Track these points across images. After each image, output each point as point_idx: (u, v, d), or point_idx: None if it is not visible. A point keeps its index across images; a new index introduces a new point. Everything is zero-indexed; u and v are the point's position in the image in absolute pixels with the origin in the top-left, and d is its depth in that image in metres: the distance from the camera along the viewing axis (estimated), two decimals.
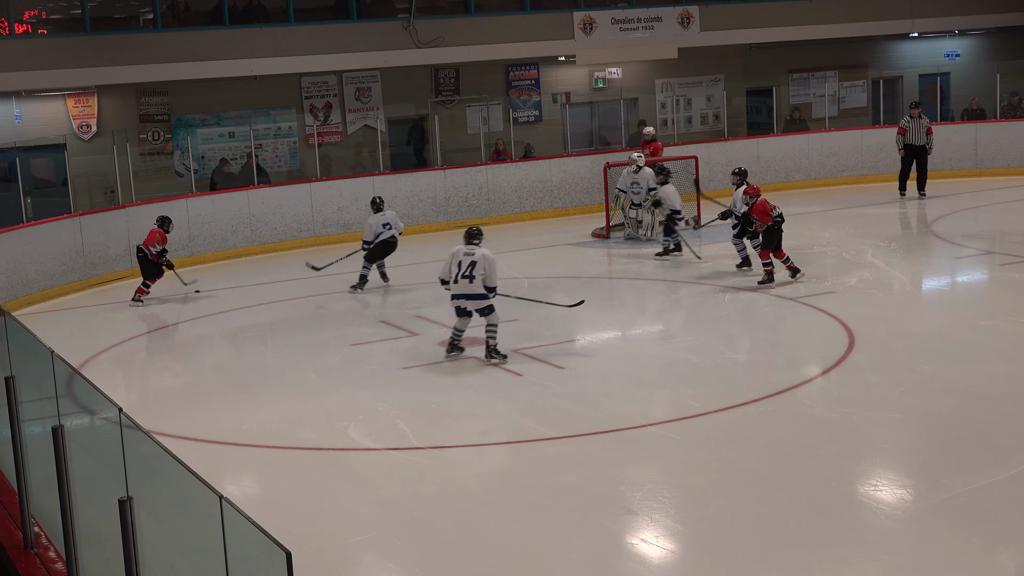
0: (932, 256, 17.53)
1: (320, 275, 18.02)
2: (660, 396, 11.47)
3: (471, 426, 10.89)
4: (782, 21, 26.44)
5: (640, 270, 17.73)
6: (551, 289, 16.81)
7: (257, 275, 18.54)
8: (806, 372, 12.03)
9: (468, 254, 12.52)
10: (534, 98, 25.75)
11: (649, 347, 13.31)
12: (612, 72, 26.18)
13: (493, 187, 22.36)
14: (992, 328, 13.22)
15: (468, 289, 12.48)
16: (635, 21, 25.23)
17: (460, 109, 24.88)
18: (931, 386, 11.20)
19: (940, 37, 29.30)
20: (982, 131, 24.72)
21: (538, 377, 12.11)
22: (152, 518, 5.48)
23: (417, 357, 13.15)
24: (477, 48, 23.97)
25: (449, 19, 24.13)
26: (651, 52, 25.54)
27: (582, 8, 24.94)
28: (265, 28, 22.68)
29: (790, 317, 14.36)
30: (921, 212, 20.75)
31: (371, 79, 24.12)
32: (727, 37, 26.07)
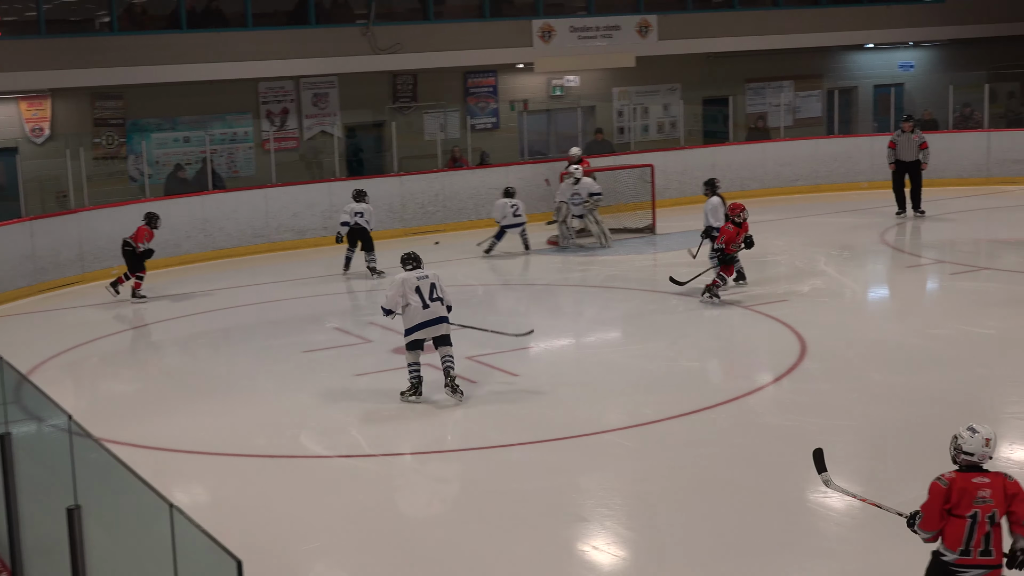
0: (883, 265, 17.67)
1: (270, 282, 18.01)
2: (613, 403, 11.49)
3: (423, 433, 10.88)
4: (739, 31, 26.62)
5: (595, 277, 17.78)
6: (506, 296, 16.85)
7: (211, 281, 18.45)
8: (758, 380, 12.11)
9: (422, 278, 11.46)
10: (492, 105, 25.77)
11: (603, 354, 13.35)
12: (570, 80, 26.25)
13: (449, 194, 22.37)
14: (942, 336, 13.36)
15: (440, 311, 11.44)
16: (594, 30, 25.32)
17: (417, 116, 24.86)
18: (882, 393, 11.30)
19: (894, 48, 29.58)
20: (934, 142, 24.89)
21: (492, 384, 12.12)
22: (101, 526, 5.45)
23: (370, 364, 13.12)
24: (435, 55, 23.98)
25: (407, 25, 24.12)
26: (609, 60, 25.64)
27: (541, 16, 25.00)
28: (222, 33, 22.58)
29: (743, 325, 14.44)
30: (873, 221, 20.91)
31: (328, 85, 24.06)
32: (685, 46, 26.20)
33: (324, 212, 21.34)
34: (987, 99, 25.37)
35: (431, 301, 11.41)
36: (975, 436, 6.26)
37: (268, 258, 20.26)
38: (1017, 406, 10.87)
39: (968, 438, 6.27)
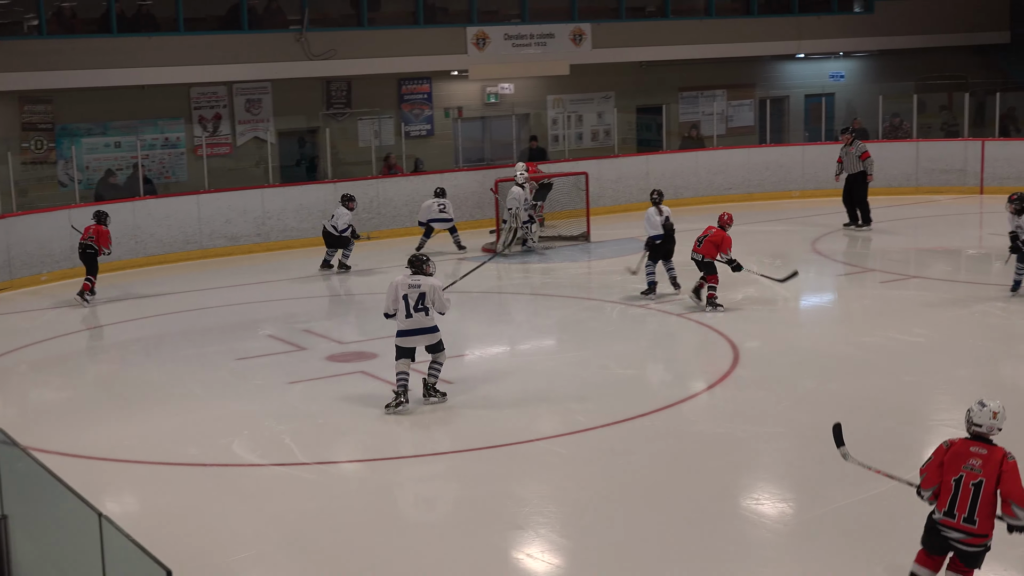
0: (814, 273, 17.85)
1: (202, 289, 17.89)
2: (547, 411, 11.52)
3: (357, 441, 10.85)
4: (673, 40, 26.81)
5: (530, 284, 17.81)
6: None
7: (142, 288, 18.26)
8: (691, 387, 12.19)
9: (413, 286, 11.40)
10: (426, 112, 25.76)
11: (537, 362, 13.38)
12: (504, 88, 26.30)
13: (384, 201, 22.31)
14: (871, 344, 13.52)
15: (424, 323, 11.39)
16: (528, 37, 25.38)
17: (351, 122, 24.78)
18: (813, 401, 11.42)
19: (825, 58, 29.95)
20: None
21: None
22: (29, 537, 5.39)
23: (304, 372, 13.05)
24: (369, 61, 23.92)
25: (342, 31, 24.04)
26: (543, 68, 25.72)
27: (475, 23, 25.02)
28: (154, 37, 22.36)
29: (676, 333, 14.52)
30: (805, 230, 21.13)
31: (262, 90, 23.93)
32: (618, 55, 26.34)
33: (257, 219, 21.22)
34: (915, 109, 25.75)
35: (415, 311, 11.37)
36: (983, 409, 6.86)
37: (200, 265, 20.09)
38: (946, 412, 11.02)
39: (977, 411, 6.85)
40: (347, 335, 14.75)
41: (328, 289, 18.09)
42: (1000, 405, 6.93)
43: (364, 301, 17.20)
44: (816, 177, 25.38)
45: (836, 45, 29.06)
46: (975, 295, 15.79)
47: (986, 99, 26.96)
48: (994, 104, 25.62)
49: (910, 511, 8.67)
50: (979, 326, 14.22)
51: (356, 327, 15.36)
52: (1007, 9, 30.63)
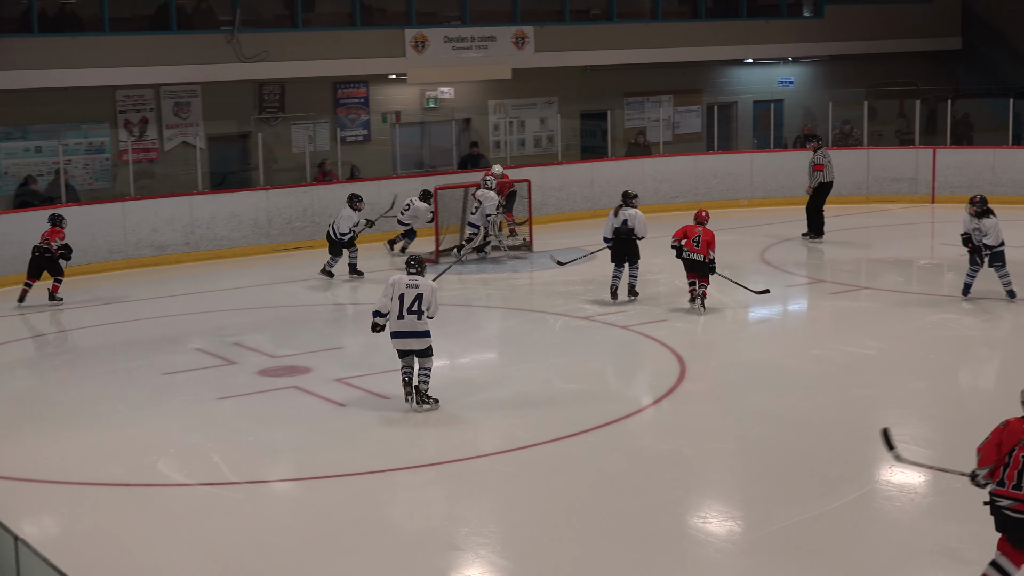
0: (764, 284, 17.94)
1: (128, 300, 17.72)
2: (488, 427, 11.49)
3: (289, 459, 10.76)
4: (618, 44, 26.90)
5: (470, 296, 17.77)
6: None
7: (64, 299, 18.03)
8: (637, 402, 12.20)
9: (411, 286, 11.55)
10: (363, 117, 25.66)
11: (478, 376, 13.34)
12: (444, 92, 26.25)
13: (319, 209, 22.18)
14: (821, 357, 13.60)
15: (415, 326, 11.54)
16: (469, 40, 25.38)
17: (285, 127, 24.64)
18: (761, 416, 11.46)
19: (774, 64, 30.17)
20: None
21: (362, 408, 12.04)
22: None
23: (234, 387, 12.94)
24: (304, 64, 23.79)
25: (275, 33, 23.90)
26: (485, 72, 25.71)
27: (414, 25, 24.97)
28: (77, 37, 22.11)
29: (622, 346, 14.54)
30: (754, 240, 21.24)
31: (191, 94, 23.73)
32: (562, 59, 26.40)
33: (186, 227, 21.03)
34: (866, 116, 26.00)
35: (408, 313, 11.52)
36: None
37: (126, 275, 19.87)
38: (897, 428, 10.97)
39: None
40: (279, 348, 14.64)
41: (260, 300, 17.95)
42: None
43: (297, 313, 17.08)
44: (765, 186, 25.57)
45: (785, 50, 29.30)
46: (928, 306, 15.95)
47: (938, 106, 27.27)
48: (946, 111, 25.92)
49: (861, 529, 8.74)
50: (932, 338, 14.36)
51: (289, 340, 15.25)
52: (959, 15, 31.05)
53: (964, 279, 15.90)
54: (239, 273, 19.70)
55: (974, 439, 9.69)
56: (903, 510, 9.02)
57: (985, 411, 11.50)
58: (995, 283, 15.83)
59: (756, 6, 29.15)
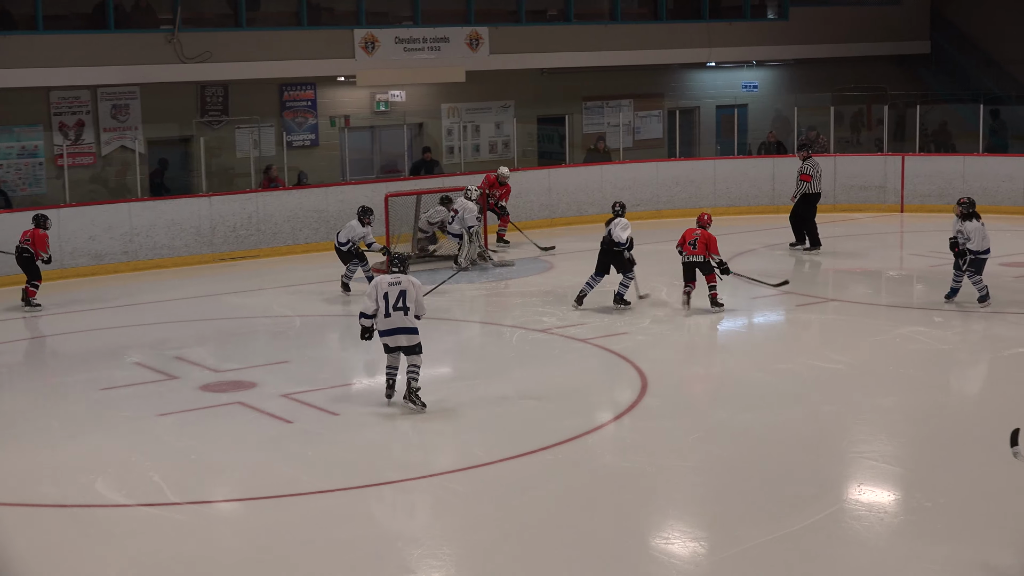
0: (728, 295, 17.99)
1: (63, 312, 17.57)
2: (442, 444, 11.48)
3: (233, 479, 10.70)
4: (576, 46, 26.98)
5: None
6: (327, 329, 16.71)
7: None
8: (597, 418, 12.21)
9: (393, 284, 12.09)
10: (310, 120, 25.61)
11: (432, 391, 13.27)
12: (395, 95, 26.23)
13: (264, 216, 22.10)
14: (788, 371, 13.66)
15: (403, 322, 12.07)
16: (421, 41, 25.38)
17: (228, 130, 24.54)
18: (726, 432, 11.50)
19: (738, 68, 30.36)
20: (779, 166, 25.62)
21: (310, 424, 11.99)
22: None
23: (175, 403, 12.86)
24: (248, 65, 23.71)
25: (217, 32, 23.82)
26: (437, 75, 25.72)
27: (364, 26, 24.95)
28: (9, 36, 21.96)
29: (581, 359, 14.56)
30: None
31: (129, 95, 23.60)
32: (518, 61, 26.45)
33: (124, 235, 20.88)
34: (832, 122, 26.17)
35: (393, 310, 12.05)
36: None
37: (61, 285, 19.70)
38: (866, 445, 11.17)
39: None
40: (222, 363, 14.57)
41: (203, 312, 17.85)
42: None
43: (241, 326, 17.00)
44: (728, 193, 25.70)
45: (749, 53, 29.48)
46: (896, 319, 16.08)
47: (906, 112, 27.50)
48: (915, 117, 26.14)
49: (828, 550, 8.78)
50: (901, 351, 14.46)
51: (233, 354, 15.18)
52: (927, 18, 31.36)
53: (951, 283, 16.16)
54: (180, 283, 19.58)
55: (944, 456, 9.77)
56: (872, 530, 9.07)
57: (955, 427, 11.63)
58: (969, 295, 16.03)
59: (719, 8, 29.32)
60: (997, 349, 14.67)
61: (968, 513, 9.40)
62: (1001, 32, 30.47)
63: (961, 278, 16.13)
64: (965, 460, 10.63)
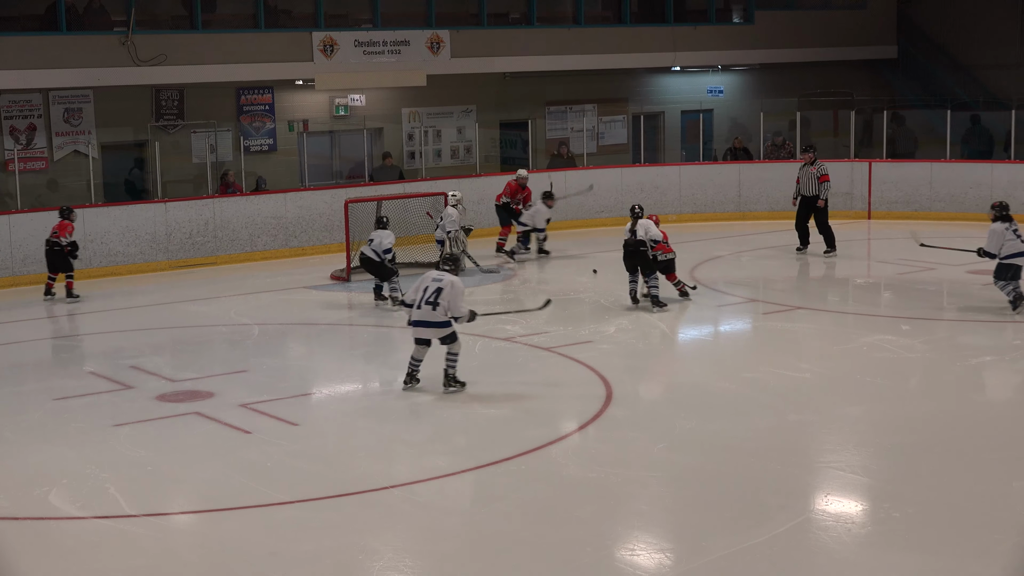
0: (694, 304, 18.11)
1: (15, 321, 17.50)
2: (404, 454, 11.50)
3: (191, 491, 10.69)
4: (538, 50, 27.07)
5: (384, 317, 17.75)
6: (286, 338, 16.71)
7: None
8: (561, 428, 12.27)
9: (436, 279, 13.11)
10: (268, 125, 25.59)
11: (393, 400, 13.33)
12: (355, 99, 26.25)
13: (221, 223, 22.08)
14: (755, 380, 13.75)
15: (430, 316, 13.06)
16: (381, 44, 25.41)
17: (184, 135, 24.50)
18: (692, 442, 11.57)
19: (703, 72, 30.50)
20: (745, 172, 25.82)
21: (269, 435, 11.99)
22: None
23: (131, 413, 12.83)
24: (204, 68, 23.68)
25: (172, 35, 23.79)
26: (398, 78, 25.74)
27: (322, 28, 24.95)
28: None
29: (545, 368, 14.60)
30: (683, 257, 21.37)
31: (83, 99, 23.53)
32: (480, 65, 26.51)
33: (78, 242, 20.71)
34: (799, 127, 26.35)
35: (424, 303, 13.07)
36: None
37: (13, 293, 19.64)
38: (833, 454, 11.27)
39: None
40: (180, 372, 14.55)
41: (158, 320, 17.80)
42: None
43: (197, 334, 16.97)
44: (694, 199, 25.83)
45: (714, 58, 29.62)
46: (864, 327, 16.19)
47: (873, 117, 27.71)
48: (881, 122, 26.34)
49: (796, 560, 8.87)
50: (869, 360, 14.56)
51: (190, 363, 15.15)
52: (894, 23, 31.60)
53: (1010, 295, 16.12)
54: (136, 291, 19.52)
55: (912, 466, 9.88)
56: (840, 540, 9.16)
57: (923, 437, 11.74)
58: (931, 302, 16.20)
59: (683, 11, 29.45)
60: (964, 358, 14.80)
61: (937, 523, 9.50)
62: (970, 37, 30.70)
63: (1004, 284, 16.11)
64: (933, 470, 10.73)
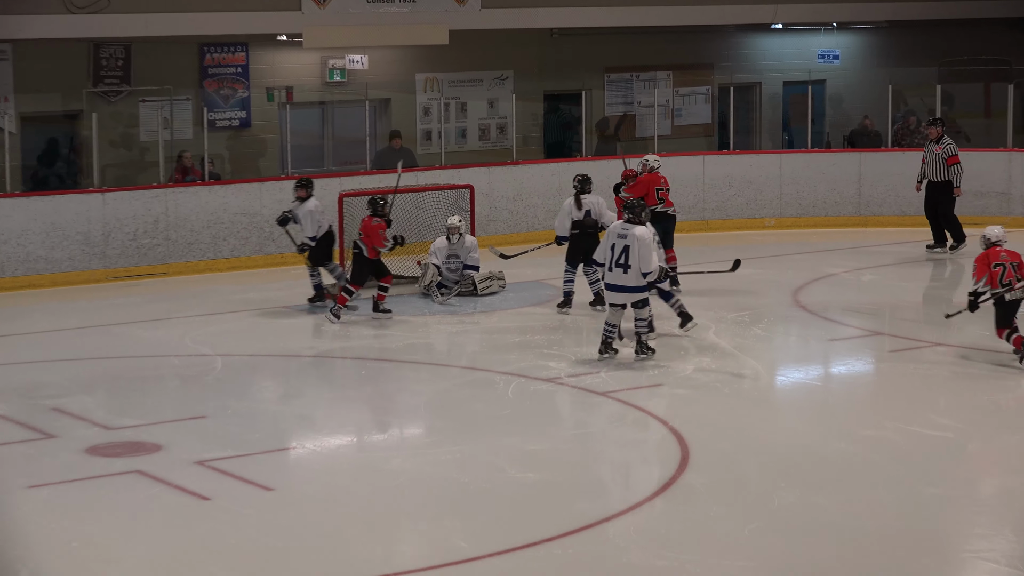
0: (798, 337, 17.97)
1: None
2: (412, 532, 11.42)
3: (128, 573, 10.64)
4: (596, 0, 27.01)
5: (386, 346, 17.69)
6: (258, 373, 16.67)
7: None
8: (620, 499, 12.17)
9: (621, 235, 15.06)
10: (240, 93, 25.64)
11: (398, 459, 13.27)
12: (355, 61, 26.26)
13: (176, 220, 22.08)
14: (877, 440, 13.61)
15: (622, 280, 15.19)
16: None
17: (130, 104, 24.56)
18: (793, 521, 11.44)
19: (813, 31, 30.37)
20: (868, 163, 25.63)
21: (234, 502, 11.94)
22: None
23: (51, 471, 12.80)
24: (157, 17, 23.74)
25: None
26: (411, 35, 25.73)
27: None
28: None
29: (598, 419, 14.53)
30: (784, 275, 21.29)
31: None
32: (518, 18, 26.48)
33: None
34: (939, 104, 26.12)
35: (615, 266, 15.18)
36: None
37: None
38: (984, 541, 11.10)
39: None
40: (117, 417, 14.53)
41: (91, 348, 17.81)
42: None
43: (142, 367, 16.94)
44: (800, 199, 25.71)
45: (827, 12, 29.52)
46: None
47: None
48: None
49: None
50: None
51: (131, 406, 15.12)
52: None
53: None
54: (62, 308, 19.55)
55: None
56: None
57: None
58: None
59: None
60: None
61: None
62: None
63: None
64: None
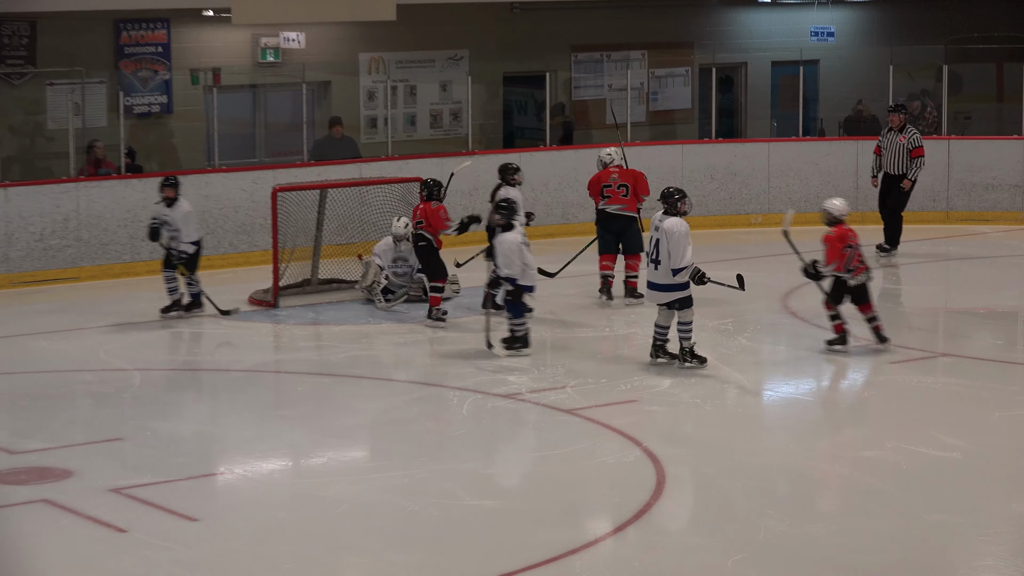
0: (787, 347, 18.03)
1: None
2: (355, 568, 11.43)
3: None
4: None
5: (326, 359, 17.69)
6: (181, 389, 16.64)
7: None
8: (589, 529, 12.18)
9: (655, 227, 15.70)
10: (161, 75, 25.61)
11: (338, 485, 13.27)
12: (291, 40, 26.25)
13: (88, 219, 22.04)
14: (877, 461, 13.66)
15: (653, 276, 15.79)
16: None
17: (35, 88, 24.52)
18: (783, 552, 11.47)
19: (805, 6, 30.46)
20: (866, 153, 25.68)
21: (153, 534, 11.90)
22: None
23: None
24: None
25: None
26: (354, 9, 25.70)
27: None
28: None
29: (565, 439, 14.52)
30: (772, 278, 21.34)
31: None
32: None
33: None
34: (946, 87, 26.20)
35: (651, 261, 15.75)
36: None
37: None
38: (993, 573, 11.15)
39: None
40: (21, 440, 14.50)
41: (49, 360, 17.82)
42: None
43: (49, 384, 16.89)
44: (790, 192, 25.78)
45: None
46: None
47: None
48: None
49: None
50: None
51: (36, 427, 15.09)
52: None
53: None
54: None
55: None
56: None
57: None
58: None
59: None
60: None
61: None
62: None
63: None
64: None
